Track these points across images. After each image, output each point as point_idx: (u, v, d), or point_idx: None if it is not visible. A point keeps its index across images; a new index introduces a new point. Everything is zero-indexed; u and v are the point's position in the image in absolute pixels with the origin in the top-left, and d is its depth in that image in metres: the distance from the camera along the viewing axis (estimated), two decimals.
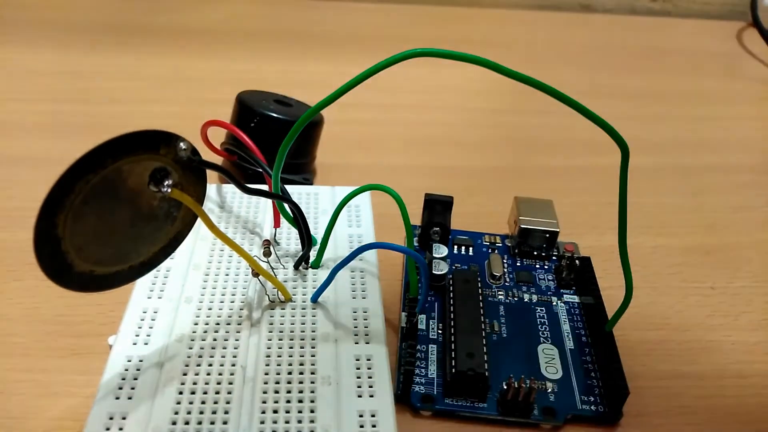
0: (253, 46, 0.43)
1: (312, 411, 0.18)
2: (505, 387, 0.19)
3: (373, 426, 0.17)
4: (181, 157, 0.16)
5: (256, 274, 0.20)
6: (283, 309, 0.21)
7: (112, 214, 0.15)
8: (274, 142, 0.24)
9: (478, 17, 0.48)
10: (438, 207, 0.25)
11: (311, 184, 0.29)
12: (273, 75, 0.40)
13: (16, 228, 0.26)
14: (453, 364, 0.20)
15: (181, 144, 0.16)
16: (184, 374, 0.18)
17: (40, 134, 0.32)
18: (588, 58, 0.45)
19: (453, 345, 0.20)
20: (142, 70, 0.39)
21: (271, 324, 0.20)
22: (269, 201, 0.25)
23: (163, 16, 0.47)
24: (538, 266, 0.25)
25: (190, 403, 0.18)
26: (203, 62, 0.40)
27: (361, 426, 0.17)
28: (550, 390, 0.20)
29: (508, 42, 0.47)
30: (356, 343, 0.20)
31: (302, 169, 0.28)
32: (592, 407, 0.20)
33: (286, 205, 0.22)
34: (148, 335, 0.19)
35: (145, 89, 0.37)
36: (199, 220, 0.18)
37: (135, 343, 0.19)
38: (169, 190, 0.16)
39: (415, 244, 0.26)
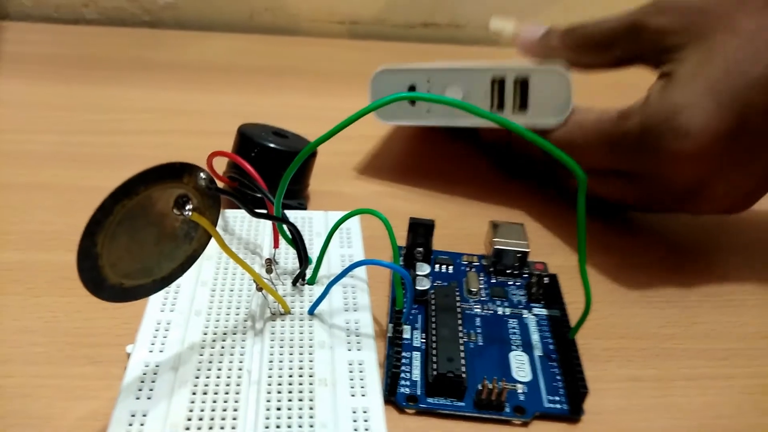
0: (249, 81, 0.46)
1: (311, 408, 0.20)
2: (480, 388, 0.22)
3: (365, 421, 0.20)
4: (200, 185, 0.18)
5: (259, 289, 0.22)
6: (283, 320, 0.23)
7: (141, 234, 0.18)
8: (273, 170, 0.27)
9: (463, 54, 0.51)
10: (421, 229, 0.28)
11: (305, 209, 0.31)
12: (268, 108, 0.42)
13: (34, 250, 0.28)
14: (434, 367, 0.22)
15: (201, 174, 0.18)
16: (197, 377, 0.21)
17: (49, 163, 0.34)
18: None
19: (434, 351, 0.23)
20: (145, 103, 0.41)
21: (273, 333, 0.22)
22: (268, 225, 0.27)
23: (163, 52, 0.50)
24: (510, 283, 0.28)
25: (203, 402, 0.20)
26: (202, 96, 0.43)
27: (355, 421, 0.20)
28: (520, 391, 0.23)
29: None
30: (349, 349, 0.22)
31: (297, 195, 0.30)
32: (557, 405, 0.22)
33: (285, 227, 0.24)
34: (163, 344, 0.22)
35: (148, 121, 0.39)
36: (212, 239, 0.20)
37: (151, 351, 0.21)
38: (190, 214, 0.18)
39: (401, 262, 0.28)
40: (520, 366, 0.24)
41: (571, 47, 0.32)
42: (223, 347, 0.22)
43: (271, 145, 0.29)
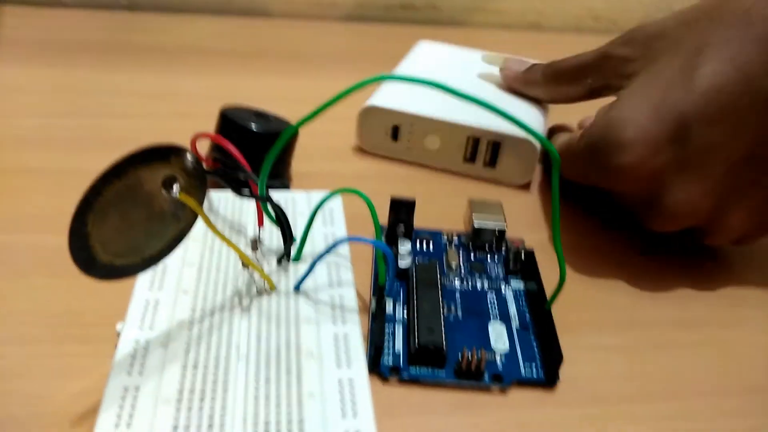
0: (229, 63, 0.46)
1: (298, 380, 0.21)
2: (460, 357, 0.23)
3: (351, 390, 0.21)
4: (187, 166, 0.19)
5: (245, 267, 0.23)
6: (270, 297, 0.24)
7: (130, 213, 0.18)
8: (255, 152, 0.28)
9: (441, 35, 0.52)
10: (402, 208, 0.28)
11: (288, 189, 0.32)
12: (248, 91, 0.43)
13: (20, 232, 0.28)
14: (416, 338, 0.23)
15: (188, 155, 0.19)
16: (187, 353, 0.21)
17: (34, 147, 0.34)
18: None
19: (416, 323, 0.24)
20: (124, 86, 0.41)
21: (260, 310, 0.23)
22: (251, 205, 0.28)
23: (141, 35, 0.50)
24: (489, 258, 0.29)
25: (194, 376, 0.20)
26: (182, 79, 0.43)
27: (341, 390, 0.21)
28: (498, 360, 0.24)
29: None
30: (334, 323, 0.23)
31: (279, 176, 0.31)
32: (534, 373, 0.23)
33: (269, 207, 0.25)
34: (152, 322, 0.22)
35: (130, 104, 0.39)
36: (198, 219, 0.21)
37: (141, 329, 0.22)
38: (177, 194, 0.19)
39: (383, 240, 0.29)
40: (498, 336, 0.25)
41: (550, 79, 0.35)
42: (211, 324, 0.22)
43: (254, 127, 0.29)
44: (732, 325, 0.27)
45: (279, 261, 0.25)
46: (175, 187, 0.19)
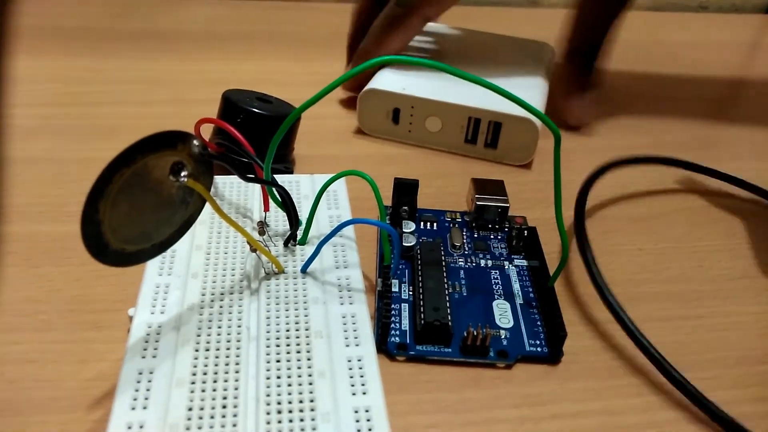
0: (226, 48, 0.46)
1: (308, 359, 0.21)
2: (465, 334, 0.23)
3: (360, 368, 0.21)
4: (194, 152, 0.19)
5: (253, 250, 0.23)
6: (278, 279, 0.24)
7: (140, 200, 0.19)
8: (259, 135, 0.28)
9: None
10: (406, 189, 0.29)
11: (292, 172, 0.32)
12: (247, 75, 0.43)
13: (27, 222, 0.28)
14: (422, 316, 0.24)
15: (195, 141, 0.19)
16: (198, 336, 0.22)
17: (36, 136, 0.34)
18: None
19: (422, 301, 0.24)
20: (124, 74, 0.41)
21: (268, 292, 0.23)
22: (257, 189, 0.28)
23: (137, 22, 0.50)
24: (492, 237, 0.29)
25: (206, 358, 0.21)
26: (179, 64, 0.43)
27: (350, 369, 0.21)
28: (503, 336, 0.24)
29: None
30: (341, 304, 0.23)
31: (283, 159, 0.31)
32: (538, 349, 0.24)
33: (275, 191, 0.25)
34: (163, 306, 0.23)
35: (130, 92, 0.39)
36: (206, 204, 0.21)
37: (153, 313, 0.22)
38: (185, 180, 0.19)
39: (387, 221, 0.29)
40: (502, 313, 0.25)
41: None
42: (221, 306, 0.23)
43: (257, 111, 0.29)
44: (729, 298, 0.28)
45: (285, 244, 0.25)
46: (183, 174, 0.19)
